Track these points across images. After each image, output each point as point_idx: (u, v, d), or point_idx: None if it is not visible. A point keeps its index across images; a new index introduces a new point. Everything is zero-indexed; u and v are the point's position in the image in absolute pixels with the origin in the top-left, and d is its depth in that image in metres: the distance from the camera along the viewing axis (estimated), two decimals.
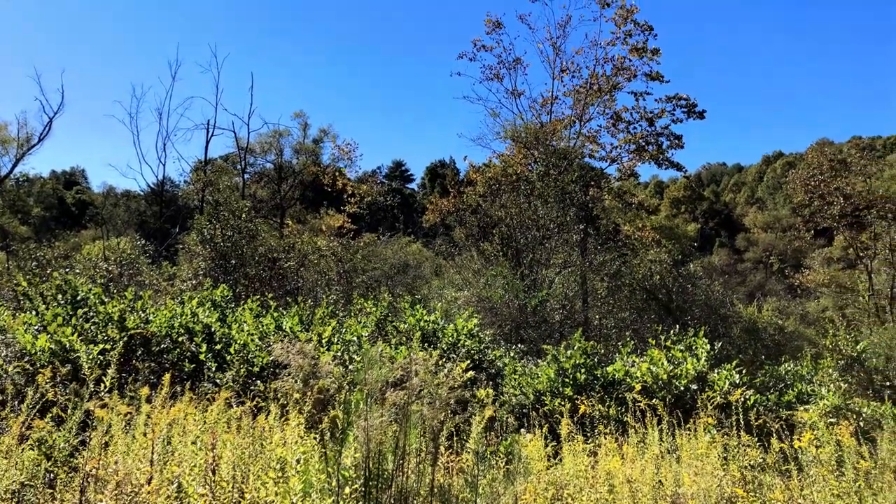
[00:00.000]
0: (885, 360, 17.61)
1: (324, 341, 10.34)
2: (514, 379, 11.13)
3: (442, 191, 43.67)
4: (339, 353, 10.10)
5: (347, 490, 4.15)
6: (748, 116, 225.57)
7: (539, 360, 12.54)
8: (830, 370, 15.33)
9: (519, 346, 15.02)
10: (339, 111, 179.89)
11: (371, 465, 4.50)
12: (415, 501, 4.63)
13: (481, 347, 12.18)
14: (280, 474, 4.33)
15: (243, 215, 21.03)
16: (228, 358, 9.66)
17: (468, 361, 10.97)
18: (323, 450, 4.41)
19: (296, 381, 4.65)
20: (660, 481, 5.59)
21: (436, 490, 4.67)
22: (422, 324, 12.00)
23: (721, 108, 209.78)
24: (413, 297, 14.80)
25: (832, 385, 13.38)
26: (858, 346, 16.47)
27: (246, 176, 43.99)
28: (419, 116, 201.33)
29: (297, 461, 4.15)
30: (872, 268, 43.20)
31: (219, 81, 45.43)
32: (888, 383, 15.40)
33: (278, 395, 6.29)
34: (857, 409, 11.26)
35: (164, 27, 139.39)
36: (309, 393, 4.64)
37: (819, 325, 36.67)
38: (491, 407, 9.07)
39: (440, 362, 9.44)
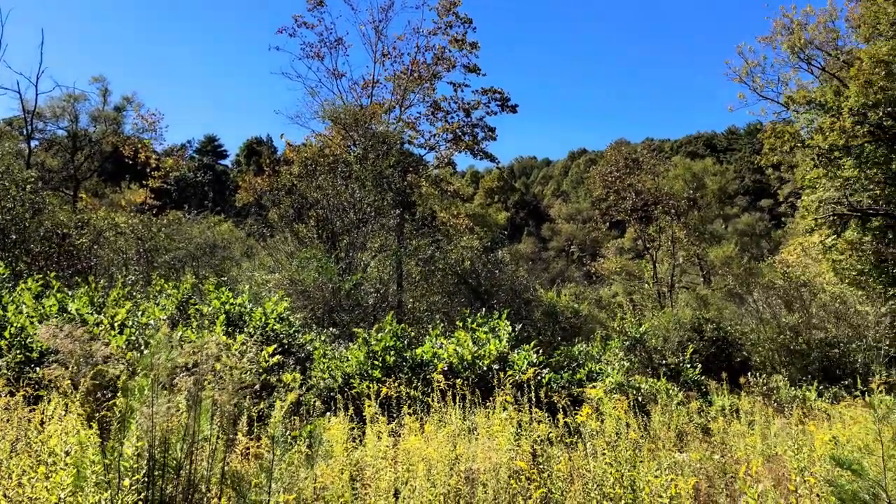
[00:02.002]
0: (662, 341, 19.60)
1: (116, 325, 9.59)
2: (324, 363, 11.03)
3: (258, 169, 42.09)
4: (133, 337, 9.43)
5: (127, 482, 3.86)
6: (557, 114, 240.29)
7: (350, 344, 12.52)
8: (617, 350, 16.78)
9: (331, 329, 14.89)
10: (146, 80, 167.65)
11: (157, 455, 4.23)
12: (204, 489, 4.42)
13: (291, 331, 11.93)
14: (52, 468, 3.95)
15: (28, 186, 18.92)
16: (2, 343, 8.68)
17: (275, 345, 10.72)
18: (101, 440, 4.07)
19: (67, 368, 4.24)
20: (457, 457, 5.78)
21: (228, 477, 4.49)
22: (227, 307, 11.50)
23: (533, 104, 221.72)
24: (219, 279, 14.16)
25: (617, 364, 14.64)
26: (641, 329, 18.20)
27: (33, 143, 39.45)
28: (236, 90, 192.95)
29: (67, 453, 3.79)
30: (657, 258, 47.96)
31: (1, 35, 40.37)
32: (664, 361, 17.15)
33: (61, 384, 5.74)
34: (636, 385, 12.43)
35: None
36: (83, 380, 4.26)
37: (610, 309, 40.04)
38: (297, 391, 8.93)
39: (245, 346, 9.13)
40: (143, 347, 9.06)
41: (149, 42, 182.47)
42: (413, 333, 12.61)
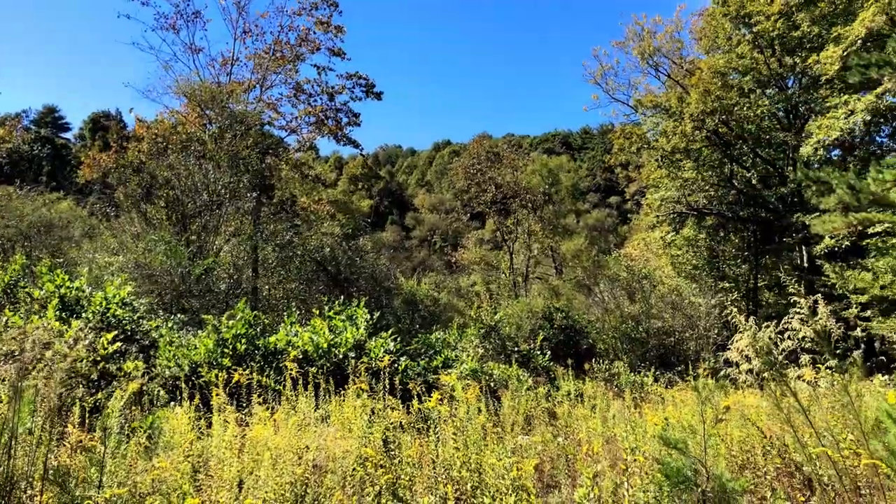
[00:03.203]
0: (516, 329, 20.31)
1: None
2: (170, 350, 10.51)
3: (104, 145, 39.28)
4: None
5: None
6: (423, 105, 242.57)
7: (200, 331, 12.02)
8: (473, 338, 17.21)
9: (179, 316, 14.21)
10: None
11: None
12: (25, 486, 4.08)
13: (135, 317, 11.25)
14: None
15: None
16: None
17: (117, 332, 10.09)
18: None
19: None
20: (306, 446, 5.69)
21: (52, 472, 4.17)
22: (63, 290, 10.67)
23: (399, 94, 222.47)
24: (55, 261, 13.12)
25: (472, 351, 15.03)
26: (496, 317, 18.74)
27: None
28: (81, 59, 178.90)
29: None
30: (514, 249, 49.69)
31: None
32: (517, 348, 17.79)
33: None
34: (489, 371, 12.82)
35: None
36: None
37: (468, 298, 41.00)
38: (140, 380, 8.45)
39: (82, 333, 8.52)
40: None
41: None
42: (268, 321, 12.27)
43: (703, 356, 20.97)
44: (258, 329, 11.22)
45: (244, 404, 7.95)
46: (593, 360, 17.77)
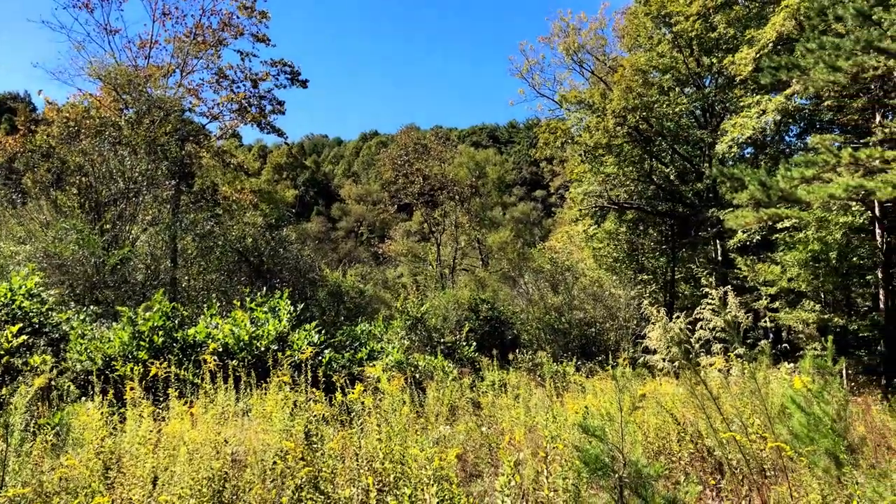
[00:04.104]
0: (442, 320, 20.39)
1: None
2: (82, 343, 10.09)
3: (11, 128, 37.26)
4: None
5: None
6: (350, 94, 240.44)
7: (115, 323, 11.58)
8: (399, 329, 17.19)
9: (92, 308, 13.63)
10: None
11: None
12: None
13: (43, 309, 10.74)
14: None
15: None
16: None
17: (23, 324, 9.63)
18: None
19: None
20: (225, 440, 5.56)
21: None
22: None
23: (326, 83, 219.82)
24: None
25: (398, 342, 14.99)
26: (422, 308, 18.77)
27: None
28: None
29: None
30: (441, 241, 49.88)
31: None
32: (443, 339, 17.87)
33: None
34: (415, 362, 12.83)
35: None
36: None
37: (395, 289, 40.95)
38: (48, 374, 8.07)
39: None
40: None
41: None
42: (187, 313, 11.92)
43: (623, 346, 21.60)
44: (176, 321, 10.89)
45: (161, 398, 7.70)
46: (517, 350, 18.01)
